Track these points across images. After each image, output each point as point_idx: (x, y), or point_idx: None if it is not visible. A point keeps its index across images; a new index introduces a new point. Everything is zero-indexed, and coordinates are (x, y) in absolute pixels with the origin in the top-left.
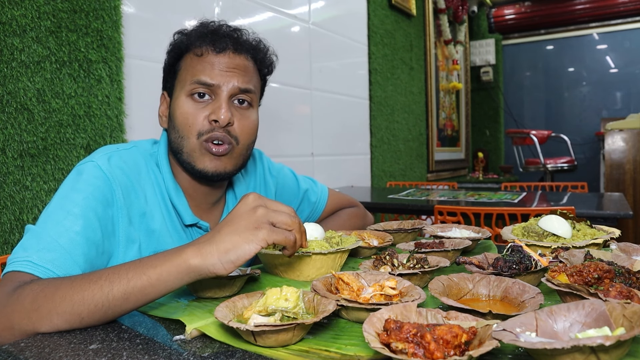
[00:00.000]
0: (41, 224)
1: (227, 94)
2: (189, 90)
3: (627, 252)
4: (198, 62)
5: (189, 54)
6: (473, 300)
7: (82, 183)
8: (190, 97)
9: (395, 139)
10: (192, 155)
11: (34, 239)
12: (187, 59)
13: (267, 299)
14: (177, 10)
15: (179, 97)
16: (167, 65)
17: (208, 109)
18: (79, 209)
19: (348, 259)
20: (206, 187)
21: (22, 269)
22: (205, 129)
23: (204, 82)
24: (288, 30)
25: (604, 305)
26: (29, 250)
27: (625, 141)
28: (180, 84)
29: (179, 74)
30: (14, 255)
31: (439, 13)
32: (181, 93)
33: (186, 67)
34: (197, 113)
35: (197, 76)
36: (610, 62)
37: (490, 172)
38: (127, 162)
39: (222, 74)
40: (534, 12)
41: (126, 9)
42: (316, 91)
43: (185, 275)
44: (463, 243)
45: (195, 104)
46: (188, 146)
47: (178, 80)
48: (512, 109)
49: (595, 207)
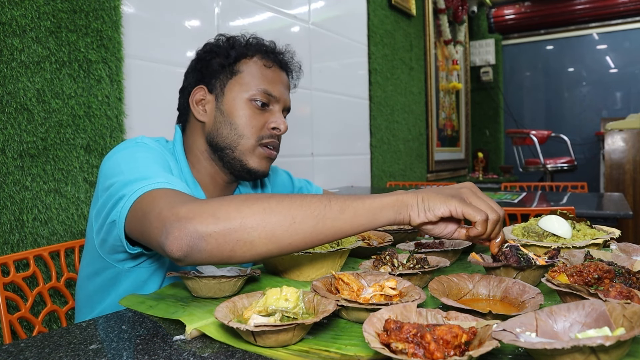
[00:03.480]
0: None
1: (281, 108)
2: (254, 96)
3: (627, 252)
4: (267, 72)
5: (254, 61)
6: (473, 300)
7: (142, 150)
8: (251, 102)
9: (395, 139)
10: (246, 154)
11: (132, 179)
12: (251, 64)
13: (267, 299)
14: (177, 10)
15: (239, 98)
16: (221, 65)
17: (267, 117)
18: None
19: (348, 259)
20: (226, 183)
21: (162, 186)
22: (266, 134)
23: (271, 94)
24: (288, 30)
25: (604, 306)
26: (146, 179)
27: (625, 141)
28: (241, 86)
29: (240, 75)
30: (126, 190)
31: (438, 13)
32: (241, 94)
33: (252, 73)
34: (259, 118)
35: (265, 86)
36: (610, 62)
37: (490, 172)
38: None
39: (282, 90)
40: (534, 12)
41: (126, 9)
42: (316, 91)
43: (391, 209)
44: (463, 243)
45: (255, 109)
46: (245, 145)
47: (237, 81)
48: (512, 109)
49: (595, 207)
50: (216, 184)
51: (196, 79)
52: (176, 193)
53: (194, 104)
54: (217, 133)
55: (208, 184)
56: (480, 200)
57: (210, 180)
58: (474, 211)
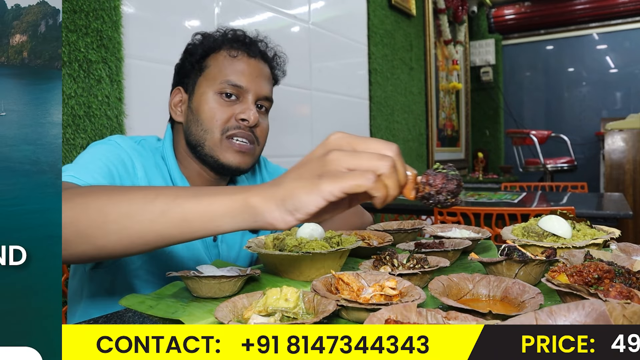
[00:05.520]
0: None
1: (253, 98)
2: (219, 89)
3: (627, 252)
4: (231, 63)
5: (221, 53)
6: (473, 300)
7: (99, 148)
8: (218, 95)
9: (395, 139)
10: (215, 149)
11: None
12: (218, 57)
13: (267, 299)
14: (177, 10)
15: (206, 93)
16: (190, 62)
17: (236, 109)
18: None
19: (348, 259)
20: (215, 180)
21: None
22: (232, 125)
23: (236, 84)
24: (288, 30)
25: (604, 306)
26: (67, 171)
27: (625, 141)
28: (208, 81)
29: (208, 71)
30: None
31: (438, 13)
32: (208, 89)
33: (217, 66)
34: (224, 110)
35: (229, 77)
36: (610, 62)
37: (490, 172)
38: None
39: (252, 79)
40: (534, 12)
41: (126, 9)
42: (316, 91)
43: (238, 215)
44: (463, 243)
45: (223, 102)
46: (211, 140)
47: (205, 76)
48: (512, 109)
49: (595, 207)
50: (204, 180)
51: (174, 81)
52: (65, 185)
53: (172, 106)
54: (190, 132)
55: (196, 181)
56: (357, 155)
57: (197, 177)
58: (357, 180)
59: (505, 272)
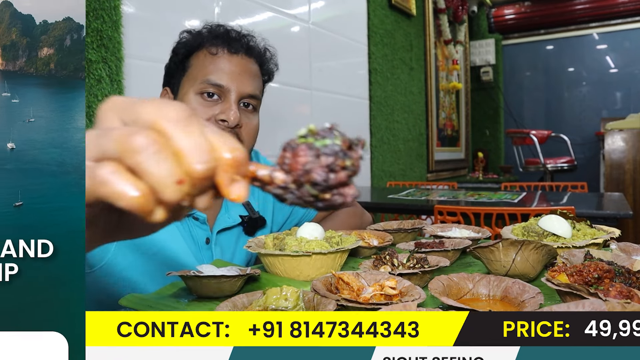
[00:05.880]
0: None
1: (237, 97)
2: (199, 89)
3: (627, 252)
4: (211, 61)
5: (202, 52)
6: (473, 300)
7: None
8: (200, 96)
9: (395, 139)
10: None
11: None
12: (199, 56)
13: (267, 298)
14: (177, 10)
15: (187, 94)
16: (175, 62)
17: (217, 109)
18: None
19: (348, 259)
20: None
21: None
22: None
23: (215, 83)
24: (288, 30)
25: (603, 305)
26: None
27: (625, 141)
28: (189, 81)
29: (190, 71)
30: None
31: (438, 13)
32: (190, 90)
33: (198, 65)
34: (205, 111)
35: (208, 76)
36: (610, 62)
37: (490, 172)
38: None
39: (234, 77)
40: (534, 12)
41: (126, 9)
42: (316, 91)
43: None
44: (463, 243)
45: (204, 102)
46: None
47: (187, 77)
48: (512, 109)
49: (595, 207)
50: None
51: (163, 82)
52: None
53: None
54: None
55: None
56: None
57: None
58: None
59: (502, 257)
